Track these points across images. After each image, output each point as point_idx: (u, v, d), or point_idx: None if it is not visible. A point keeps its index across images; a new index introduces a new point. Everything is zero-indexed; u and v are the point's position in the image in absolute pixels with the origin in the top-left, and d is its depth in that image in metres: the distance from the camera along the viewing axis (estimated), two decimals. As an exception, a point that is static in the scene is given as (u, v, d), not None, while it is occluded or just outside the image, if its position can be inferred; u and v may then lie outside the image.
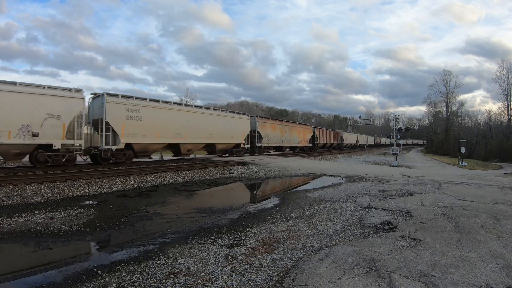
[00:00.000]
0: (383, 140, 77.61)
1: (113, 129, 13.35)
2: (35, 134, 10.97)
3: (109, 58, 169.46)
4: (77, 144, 12.20)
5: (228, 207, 7.74)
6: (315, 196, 8.51)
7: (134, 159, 15.03)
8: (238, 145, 21.40)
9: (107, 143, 13.20)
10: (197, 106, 19.82)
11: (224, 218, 6.42)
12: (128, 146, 14.16)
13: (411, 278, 3.05)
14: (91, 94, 14.27)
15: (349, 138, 51.49)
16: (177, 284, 3.18)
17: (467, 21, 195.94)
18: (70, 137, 11.97)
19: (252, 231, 5.31)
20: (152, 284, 3.21)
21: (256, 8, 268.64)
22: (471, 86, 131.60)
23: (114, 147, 13.50)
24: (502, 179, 12.19)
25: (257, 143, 23.65)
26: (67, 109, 11.80)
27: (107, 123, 13.12)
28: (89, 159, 14.21)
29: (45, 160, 11.48)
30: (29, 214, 6.45)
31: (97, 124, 13.46)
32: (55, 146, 11.55)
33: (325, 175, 14.23)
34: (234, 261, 3.82)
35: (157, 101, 16.08)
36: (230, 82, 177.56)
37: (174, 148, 17.13)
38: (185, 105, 19.44)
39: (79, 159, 13.37)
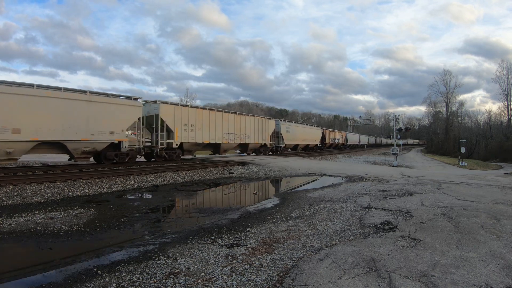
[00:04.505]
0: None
1: None
2: None
3: (108, 58, 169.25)
4: None
5: (228, 207, 7.74)
6: (315, 196, 8.51)
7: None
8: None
9: None
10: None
11: (224, 218, 6.42)
12: None
13: (411, 278, 3.05)
14: None
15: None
16: (177, 284, 3.18)
17: (466, 21, 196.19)
18: None
19: (252, 231, 5.31)
20: (152, 284, 3.21)
21: (253, 8, 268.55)
22: (471, 86, 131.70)
23: None
24: (502, 179, 12.19)
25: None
26: None
27: None
28: None
29: None
30: (29, 214, 6.45)
31: None
32: None
33: (325, 175, 14.24)
34: (234, 261, 3.82)
35: None
36: (229, 82, 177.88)
37: None
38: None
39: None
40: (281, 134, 26.47)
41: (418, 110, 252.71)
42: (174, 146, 15.94)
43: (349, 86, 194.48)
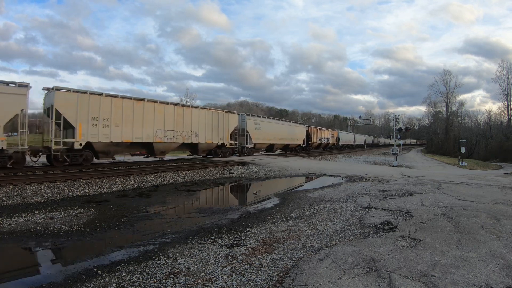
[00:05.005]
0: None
1: None
2: None
3: (108, 58, 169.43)
4: None
5: (228, 207, 7.74)
6: (315, 196, 8.51)
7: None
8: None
9: None
10: None
11: (224, 218, 6.42)
12: None
13: (411, 278, 3.04)
14: None
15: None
16: (177, 284, 3.18)
17: (465, 21, 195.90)
18: None
19: (252, 231, 5.31)
20: (152, 284, 3.21)
21: (253, 7, 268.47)
22: (471, 86, 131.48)
23: None
24: (502, 179, 12.18)
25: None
26: None
27: None
28: None
29: None
30: (29, 214, 6.45)
31: None
32: None
33: (325, 175, 14.23)
34: (234, 261, 3.82)
35: None
36: (229, 82, 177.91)
37: None
38: None
39: None
40: (247, 131, 21.78)
41: (418, 110, 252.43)
42: (78, 146, 12.30)
43: (349, 86, 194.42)
